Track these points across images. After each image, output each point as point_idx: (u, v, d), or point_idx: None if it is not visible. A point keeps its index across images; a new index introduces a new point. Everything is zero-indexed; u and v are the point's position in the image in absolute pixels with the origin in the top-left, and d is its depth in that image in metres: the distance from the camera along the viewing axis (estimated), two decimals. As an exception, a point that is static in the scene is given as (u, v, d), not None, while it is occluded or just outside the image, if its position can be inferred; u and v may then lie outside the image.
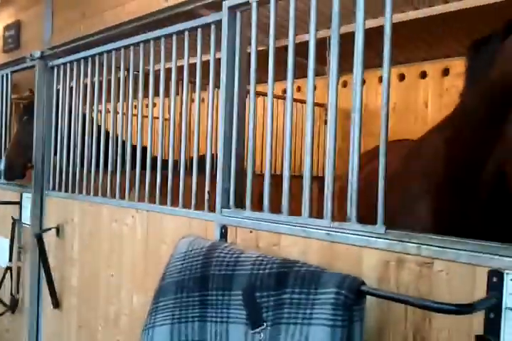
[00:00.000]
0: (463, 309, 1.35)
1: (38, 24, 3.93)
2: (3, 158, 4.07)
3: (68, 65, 3.55)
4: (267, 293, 1.68)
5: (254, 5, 2.13)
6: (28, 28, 4.14)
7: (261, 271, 1.73)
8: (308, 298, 1.57)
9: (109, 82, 3.17)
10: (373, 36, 1.93)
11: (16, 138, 4.21)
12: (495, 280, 1.43)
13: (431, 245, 1.57)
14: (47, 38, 3.80)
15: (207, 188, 2.42)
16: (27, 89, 4.73)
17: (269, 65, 2.08)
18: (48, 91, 3.78)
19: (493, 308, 1.43)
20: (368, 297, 1.60)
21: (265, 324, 1.66)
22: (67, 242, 3.48)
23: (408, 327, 1.61)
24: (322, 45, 2.07)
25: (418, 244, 1.60)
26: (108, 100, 3.20)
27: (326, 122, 4.84)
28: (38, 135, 3.80)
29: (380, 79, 5.12)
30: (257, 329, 1.68)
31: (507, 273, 1.41)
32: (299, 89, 5.13)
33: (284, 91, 2.27)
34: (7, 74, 4.15)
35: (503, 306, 1.41)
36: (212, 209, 2.36)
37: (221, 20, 2.31)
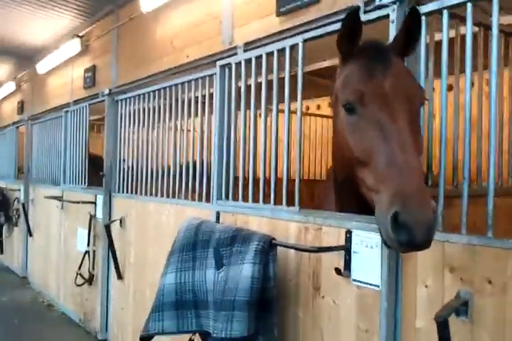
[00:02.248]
0: (318, 249, 2.37)
1: (107, 69, 5.26)
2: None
3: (128, 99, 4.80)
4: (226, 248, 2.74)
5: (233, 65, 3.23)
6: (101, 71, 5.50)
7: (224, 235, 2.80)
8: (245, 249, 2.62)
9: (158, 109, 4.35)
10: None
11: None
12: (348, 235, 2.41)
13: (320, 217, 2.57)
14: (114, 79, 5.11)
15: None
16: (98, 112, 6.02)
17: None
18: (114, 118, 5.07)
19: (347, 252, 2.40)
20: (292, 252, 2.63)
21: (224, 267, 2.72)
22: (127, 230, 4.71)
23: (309, 267, 2.61)
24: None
25: (314, 216, 2.60)
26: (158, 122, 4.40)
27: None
28: (107, 151, 5.09)
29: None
30: (220, 270, 2.74)
31: (353, 231, 2.38)
32: (318, 107, 6.12)
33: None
34: (86, 106, 5.52)
35: (352, 250, 2.38)
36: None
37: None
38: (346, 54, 2.10)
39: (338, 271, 2.40)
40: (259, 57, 3.01)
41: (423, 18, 2.19)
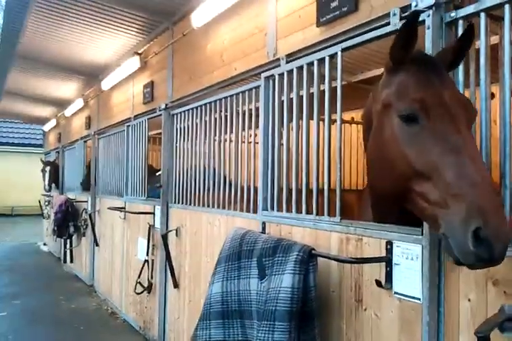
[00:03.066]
0: (356, 260, 2.33)
1: (164, 84, 5.46)
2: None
3: (182, 113, 4.96)
4: (268, 258, 2.76)
5: (276, 76, 3.27)
6: (158, 87, 5.71)
7: (266, 245, 2.82)
8: (285, 259, 2.62)
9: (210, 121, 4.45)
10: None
11: None
12: (389, 247, 2.35)
13: (360, 228, 2.53)
14: (169, 94, 5.29)
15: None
16: (156, 127, 6.20)
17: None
18: (170, 132, 5.24)
19: (388, 264, 2.34)
20: (334, 262, 2.62)
21: (266, 277, 2.73)
22: (182, 240, 4.83)
23: (352, 279, 2.58)
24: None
25: (355, 227, 2.57)
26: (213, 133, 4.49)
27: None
28: (164, 164, 5.27)
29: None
30: (263, 280, 2.76)
31: (394, 242, 2.33)
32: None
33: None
34: (145, 121, 5.75)
35: (393, 262, 2.33)
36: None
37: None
38: (398, 61, 2.01)
39: (378, 283, 2.35)
40: (300, 68, 3.03)
41: (460, 22, 2.14)
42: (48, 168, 11.08)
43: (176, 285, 4.87)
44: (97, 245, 7.87)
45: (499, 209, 1.59)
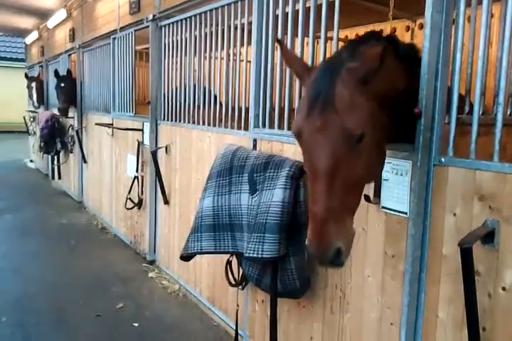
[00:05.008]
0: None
1: (152, -7, 5.17)
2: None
3: (171, 24, 4.75)
4: (259, 174, 2.80)
5: (272, -15, 3.10)
6: (145, -4, 5.41)
7: (257, 161, 2.85)
8: (276, 175, 2.66)
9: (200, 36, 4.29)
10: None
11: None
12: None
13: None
14: (157, 4, 5.02)
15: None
16: (144, 42, 5.94)
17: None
18: (158, 45, 5.05)
19: (377, 180, 2.38)
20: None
21: (257, 192, 2.79)
22: (172, 157, 4.85)
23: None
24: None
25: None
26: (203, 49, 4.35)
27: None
28: (152, 79, 5.14)
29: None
30: (254, 195, 2.82)
31: (384, 159, 2.35)
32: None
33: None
34: (131, 32, 5.52)
35: (382, 178, 2.37)
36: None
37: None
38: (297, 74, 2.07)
39: (367, 197, 2.41)
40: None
41: None
42: (33, 84, 10.76)
43: (166, 202, 4.96)
44: (85, 162, 7.89)
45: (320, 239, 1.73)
